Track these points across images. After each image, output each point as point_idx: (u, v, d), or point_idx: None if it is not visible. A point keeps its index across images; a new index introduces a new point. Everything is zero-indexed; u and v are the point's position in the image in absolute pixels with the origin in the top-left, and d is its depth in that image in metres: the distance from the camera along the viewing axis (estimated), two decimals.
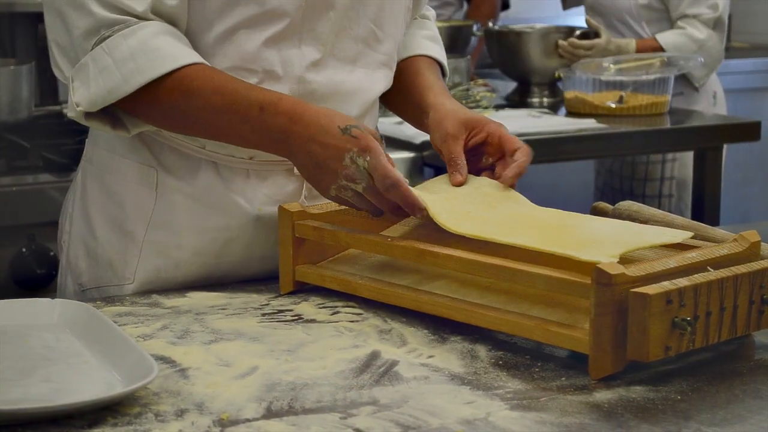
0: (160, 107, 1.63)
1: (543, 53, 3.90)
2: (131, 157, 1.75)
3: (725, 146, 3.78)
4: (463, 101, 3.58)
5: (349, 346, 1.41)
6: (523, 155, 1.67)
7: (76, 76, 1.62)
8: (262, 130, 1.59)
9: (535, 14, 5.31)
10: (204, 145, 1.70)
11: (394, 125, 3.22)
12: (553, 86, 3.97)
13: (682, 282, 1.29)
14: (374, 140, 1.52)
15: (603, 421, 1.19)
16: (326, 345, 1.42)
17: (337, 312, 1.54)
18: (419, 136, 3.12)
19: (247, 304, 1.59)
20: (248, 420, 1.19)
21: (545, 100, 3.94)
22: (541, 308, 1.40)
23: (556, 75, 3.85)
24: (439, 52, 1.94)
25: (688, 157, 3.83)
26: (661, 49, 3.88)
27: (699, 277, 1.31)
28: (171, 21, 1.64)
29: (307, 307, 1.57)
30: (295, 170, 1.71)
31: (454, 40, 4.02)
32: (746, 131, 3.69)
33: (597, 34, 3.91)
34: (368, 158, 1.51)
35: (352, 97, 1.75)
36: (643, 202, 1.84)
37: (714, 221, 3.62)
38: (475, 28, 4.27)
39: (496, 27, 4.17)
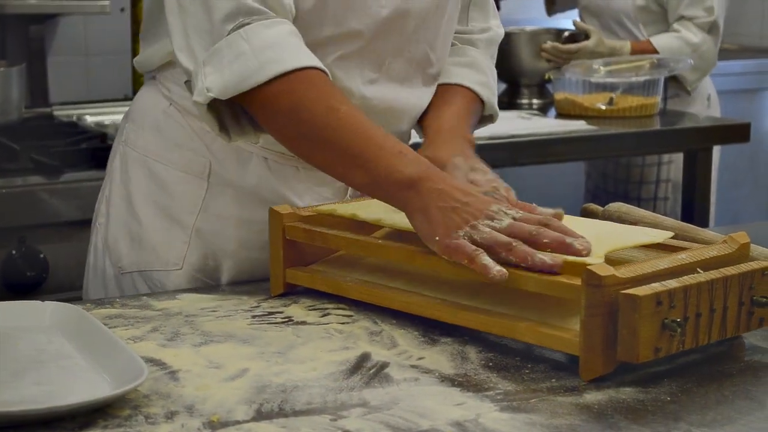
0: (282, 105, 1.57)
1: (532, 55, 3.91)
2: (184, 147, 1.76)
3: (716, 148, 3.78)
4: None
5: (340, 348, 1.41)
6: None
7: (210, 60, 1.57)
8: (393, 168, 1.51)
9: (525, 16, 5.31)
10: (257, 140, 1.69)
11: None
12: (542, 88, 3.97)
13: (672, 283, 1.29)
14: None
15: (593, 422, 1.20)
16: (316, 347, 1.42)
17: (328, 314, 1.54)
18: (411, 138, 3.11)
19: (237, 306, 1.59)
20: (238, 422, 1.19)
21: (534, 101, 3.95)
22: (532, 310, 1.40)
23: (546, 77, 3.85)
24: (470, 77, 1.86)
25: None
26: (655, 51, 3.88)
27: (689, 279, 1.31)
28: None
29: (298, 309, 1.57)
30: None
31: None
32: (736, 133, 3.70)
33: (587, 36, 3.91)
34: (518, 211, 1.46)
35: (403, 114, 1.77)
36: (638, 205, 1.85)
37: (704, 223, 3.63)
38: None
39: None
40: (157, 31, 1.76)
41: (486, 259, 1.37)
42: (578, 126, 3.49)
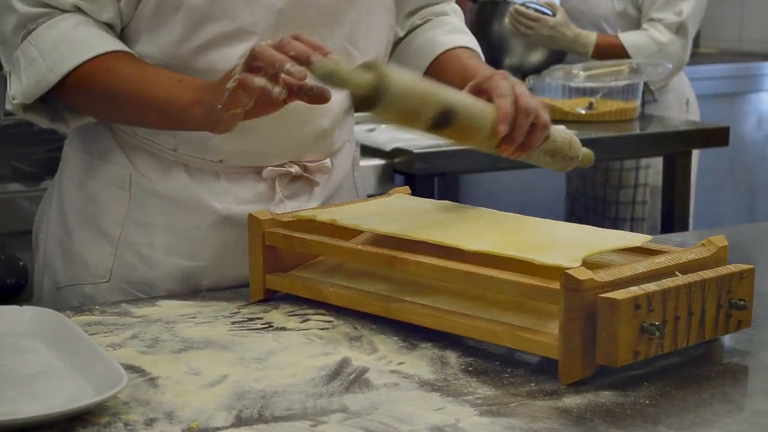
0: (88, 94, 1.68)
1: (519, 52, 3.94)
2: (106, 159, 1.78)
3: (695, 151, 3.80)
4: None
5: (319, 353, 1.41)
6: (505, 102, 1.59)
7: (12, 70, 1.70)
8: (176, 96, 1.60)
9: None
10: (175, 147, 1.73)
11: (365, 132, 3.22)
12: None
13: (651, 287, 1.29)
14: None
15: (572, 426, 1.20)
16: (296, 353, 1.42)
17: (307, 319, 1.54)
18: (390, 143, 3.12)
19: (217, 313, 1.59)
20: (218, 428, 1.18)
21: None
22: (511, 314, 1.41)
23: (526, 81, 3.86)
24: (463, 39, 1.92)
25: (662, 163, 3.86)
26: (621, 46, 3.90)
27: (667, 282, 1.32)
28: (138, 34, 1.70)
29: (277, 314, 1.57)
30: (264, 173, 1.74)
31: None
32: (715, 137, 3.71)
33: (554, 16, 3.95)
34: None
35: (323, 110, 1.74)
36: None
37: (684, 226, 3.64)
38: None
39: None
40: None
41: (257, 79, 1.46)
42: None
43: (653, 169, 3.96)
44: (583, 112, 3.65)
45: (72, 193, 1.83)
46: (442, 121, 1.49)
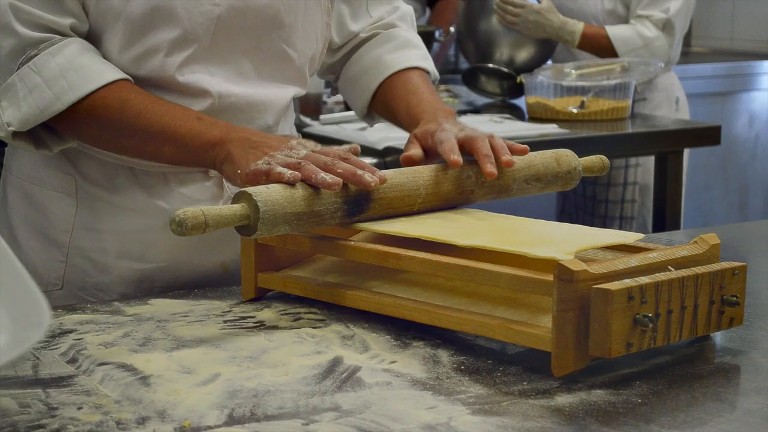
0: (91, 123, 1.66)
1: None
2: (51, 166, 1.78)
3: (686, 150, 3.80)
4: None
5: (312, 352, 1.41)
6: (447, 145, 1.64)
7: (4, 96, 1.64)
8: (199, 134, 1.62)
9: None
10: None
11: (356, 131, 3.23)
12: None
13: (644, 279, 1.30)
14: None
15: (564, 425, 1.20)
16: (288, 351, 1.41)
17: (300, 318, 1.54)
18: (382, 141, 3.12)
19: (209, 311, 1.58)
20: (210, 427, 1.18)
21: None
22: (504, 309, 1.41)
23: (518, 80, 3.86)
24: (410, 57, 1.92)
25: (651, 162, 3.86)
26: (607, 38, 3.91)
27: (661, 276, 1.32)
28: (87, 39, 1.69)
29: (270, 313, 1.57)
30: (211, 172, 1.76)
31: None
32: (707, 135, 3.72)
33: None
34: (318, 145, 1.55)
35: (266, 108, 1.79)
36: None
37: (675, 225, 3.64)
38: (437, 34, 4.27)
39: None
40: None
41: (280, 168, 1.48)
42: (550, 129, 3.50)
43: (642, 167, 3.96)
44: (574, 110, 3.66)
45: (17, 201, 1.82)
46: (355, 210, 1.52)
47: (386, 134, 3.16)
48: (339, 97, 1.84)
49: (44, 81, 1.62)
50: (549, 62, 4.12)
